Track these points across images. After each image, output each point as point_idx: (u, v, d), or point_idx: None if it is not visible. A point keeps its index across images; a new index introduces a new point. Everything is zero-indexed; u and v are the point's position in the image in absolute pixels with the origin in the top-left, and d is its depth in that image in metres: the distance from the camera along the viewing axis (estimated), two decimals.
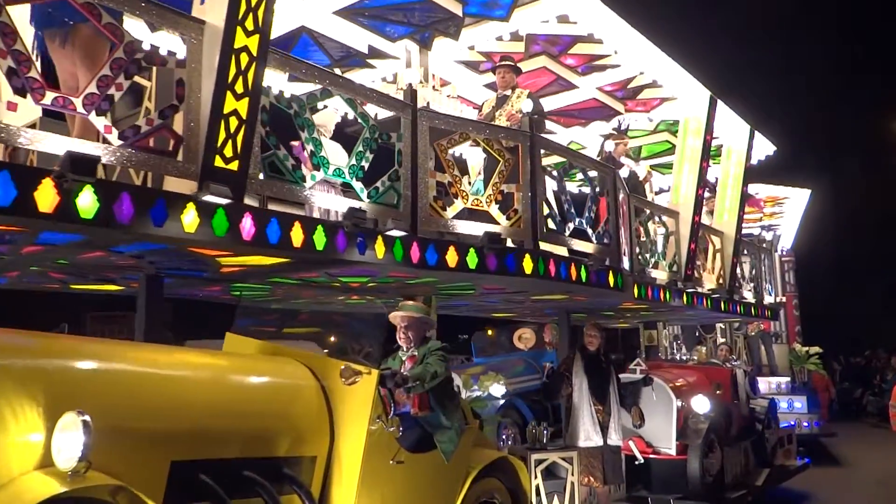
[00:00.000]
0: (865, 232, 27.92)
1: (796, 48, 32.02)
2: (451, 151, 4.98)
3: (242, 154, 3.60)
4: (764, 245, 11.78)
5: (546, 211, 5.47)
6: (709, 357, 9.37)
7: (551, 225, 5.53)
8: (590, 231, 5.98)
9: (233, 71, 3.53)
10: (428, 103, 6.32)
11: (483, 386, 6.28)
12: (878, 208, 27.56)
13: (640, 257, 7.46)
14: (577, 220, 5.87)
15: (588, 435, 6.21)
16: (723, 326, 14.04)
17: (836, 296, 24.55)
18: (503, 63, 6.35)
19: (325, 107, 4.72)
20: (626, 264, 6.93)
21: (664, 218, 8.27)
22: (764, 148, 10.65)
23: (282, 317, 7.96)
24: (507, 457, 4.97)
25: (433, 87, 6.53)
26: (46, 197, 2.98)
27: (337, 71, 7.41)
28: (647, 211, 7.82)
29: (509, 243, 5.21)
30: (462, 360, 11.05)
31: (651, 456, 7.22)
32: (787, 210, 15.44)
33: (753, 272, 10.65)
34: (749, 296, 10.37)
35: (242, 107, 3.59)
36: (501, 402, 8.11)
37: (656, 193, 11.47)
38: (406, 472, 3.96)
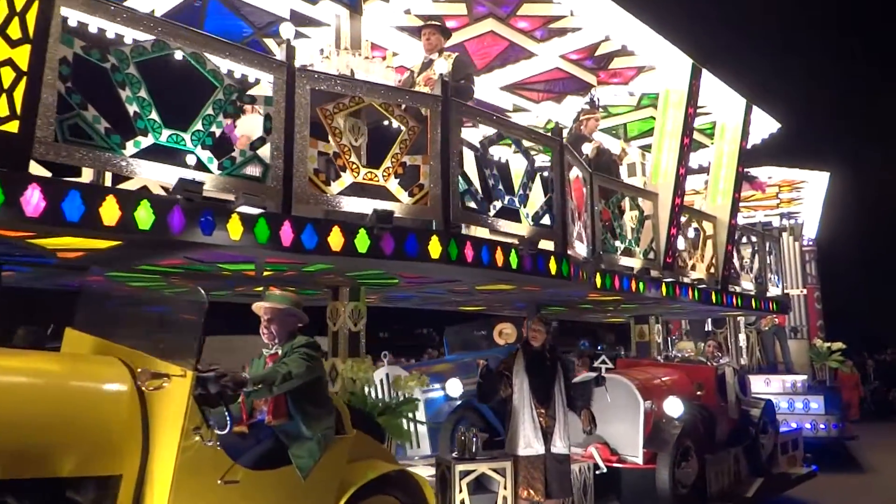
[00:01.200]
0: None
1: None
2: (340, 122, 4.31)
3: (24, 114, 2.99)
4: (772, 232, 10.80)
5: (464, 187, 4.76)
6: (699, 354, 8.51)
7: (471, 203, 4.82)
8: (523, 211, 5.25)
9: (3, 12, 2.92)
10: (352, 71, 5.69)
11: (404, 386, 5.60)
12: None
13: (605, 243, 6.70)
14: (508, 198, 5.15)
15: (528, 442, 5.48)
16: (735, 320, 13.13)
17: (862, 289, 23.03)
18: (428, 24, 5.66)
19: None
20: (582, 250, 6.18)
21: (641, 200, 7.48)
22: (766, 125, 9.73)
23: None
24: (406, 471, 4.30)
25: (366, 56, 5.86)
26: None
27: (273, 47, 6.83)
28: (619, 192, 7.03)
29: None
30: (429, 356, 10.37)
31: (616, 465, 6.46)
32: (807, 196, 14.35)
33: (756, 261, 9.72)
34: (749, 287, 9.46)
35: (21, 56, 2.98)
36: (458, 402, 7.42)
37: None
38: (245, 494, 3.32)
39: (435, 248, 4.47)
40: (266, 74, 4.05)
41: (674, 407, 6.55)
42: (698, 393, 7.24)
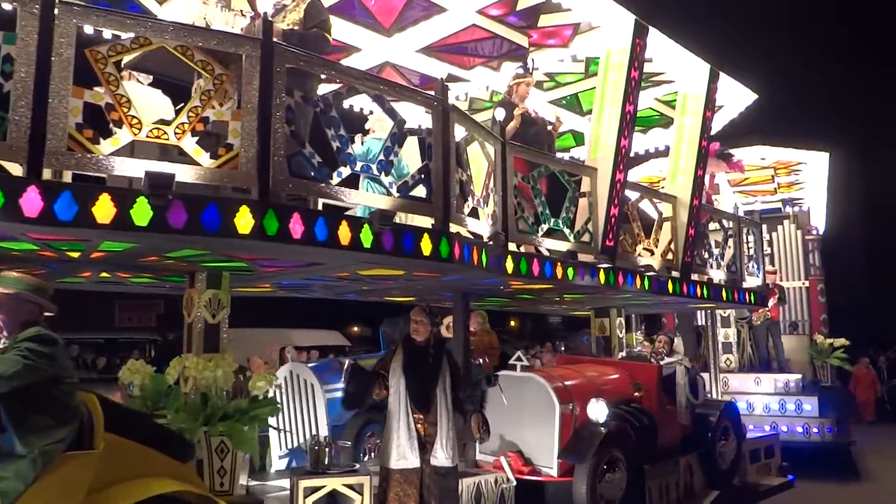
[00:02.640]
0: None
1: None
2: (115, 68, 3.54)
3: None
4: (754, 217, 9.78)
5: (293, 149, 3.96)
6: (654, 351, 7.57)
7: (304, 169, 4.01)
8: (384, 179, 4.43)
9: None
10: (207, 24, 4.93)
11: (254, 386, 4.81)
12: None
13: (520, 223, 5.84)
14: (362, 164, 4.33)
15: (402, 453, 4.68)
16: (723, 314, 12.13)
17: (871, 283, 21.34)
18: None
19: None
20: (482, 229, 5.34)
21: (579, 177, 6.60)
22: (741, 97, 8.73)
23: None
24: (207, 496, 3.53)
25: (222, 6, 5.09)
26: None
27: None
28: (543, 165, 6.16)
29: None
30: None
31: (528, 477, 5.62)
32: (807, 180, 13.21)
33: (730, 248, 8.74)
34: (719, 275, 8.49)
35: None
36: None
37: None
38: None
39: (244, 222, 3.68)
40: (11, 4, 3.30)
41: (597, 410, 5.68)
42: (636, 394, 6.35)
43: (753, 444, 8.02)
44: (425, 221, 4.90)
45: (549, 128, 6.93)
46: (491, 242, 5.20)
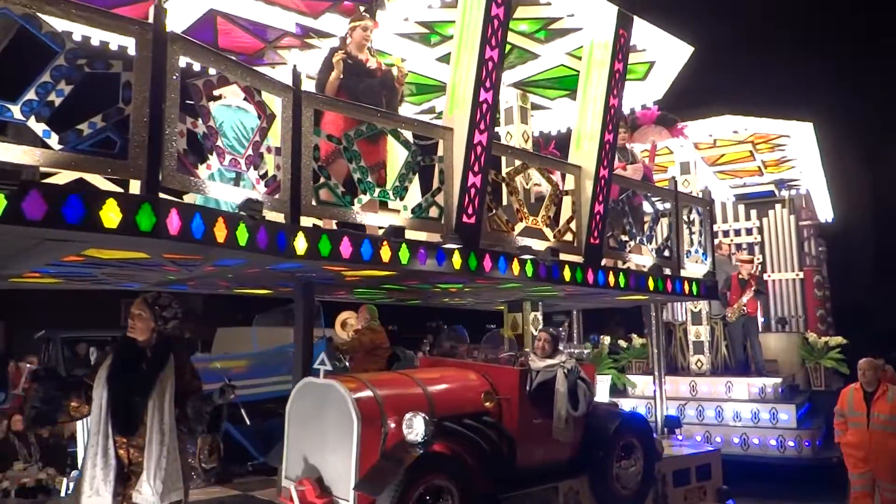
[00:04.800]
0: None
1: None
2: None
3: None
4: (704, 194, 8.35)
5: None
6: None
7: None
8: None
9: None
10: None
11: None
12: None
13: (324, 192, 4.68)
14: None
15: (94, 486, 3.57)
16: (694, 309, 10.71)
17: (882, 276, 18.84)
18: None
19: None
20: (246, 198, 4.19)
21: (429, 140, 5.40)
22: (673, 50, 7.37)
23: None
24: None
25: None
26: None
27: None
28: (367, 123, 4.97)
29: None
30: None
31: None
32: (797, 156, 11.63)
33: (661, 230, 7.39)
34: (644, 262, 7.14)
35: None
36: None
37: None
38: None
39: None
40: None
41: (412, 427, 4.46)
42: (487, 405, 5.10)
43: (680, 464, 6.65)
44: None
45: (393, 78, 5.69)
46: (243, 213, 4.03)
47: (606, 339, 9.40)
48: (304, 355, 5.66)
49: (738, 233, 13.42)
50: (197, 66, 4.17)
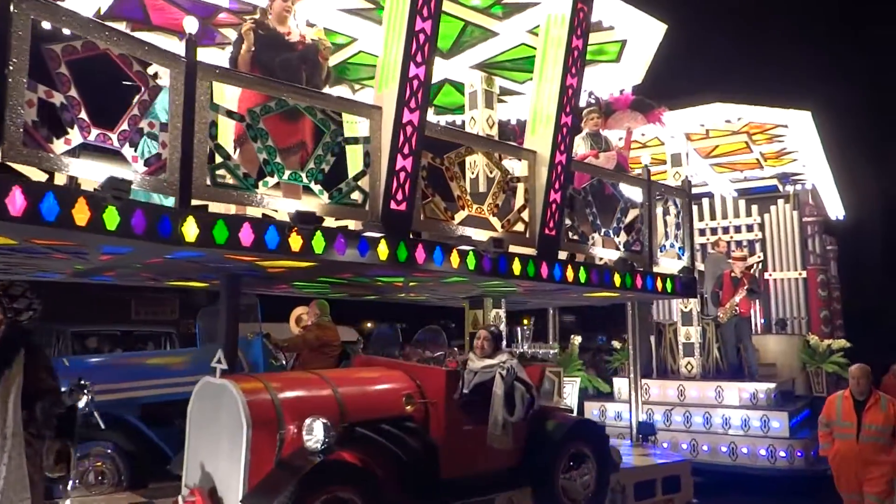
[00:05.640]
0: None
1: None
2: None
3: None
4: (684, 186, 7.78)
5: None
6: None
7: None
8: None
9: None
10: None
11: None
12: None
13: (220, 173, 4.26)
14: None
15: None
16: (684, 309, 10.14)
17: (889, 274, 17.69)
18: None
19: None
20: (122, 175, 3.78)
21: (354, 118, 4.96)
22: (643, 28, 6.85)
23: None
24: None
25: None
26: None
27: None
28: (277, 101, 4.54)
29: None
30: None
31: None
32: (799, 148, 10.96)
33: (630, 221, 6.85)
34: (607, 255, 6.62)
35: None
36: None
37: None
38: None
39: None
40: None
41: (312, 432, 4.01)
42: (408, 409, 4.63)
43: (643, 475, 6.12)
44: None
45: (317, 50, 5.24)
46: (108, 195, 3.61)
47: (577, 339, 8.86)
48: (229, 351, 5.27)
49: (738, 229, 12.77)
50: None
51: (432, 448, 4.59)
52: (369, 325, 28.76)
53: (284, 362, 6.32)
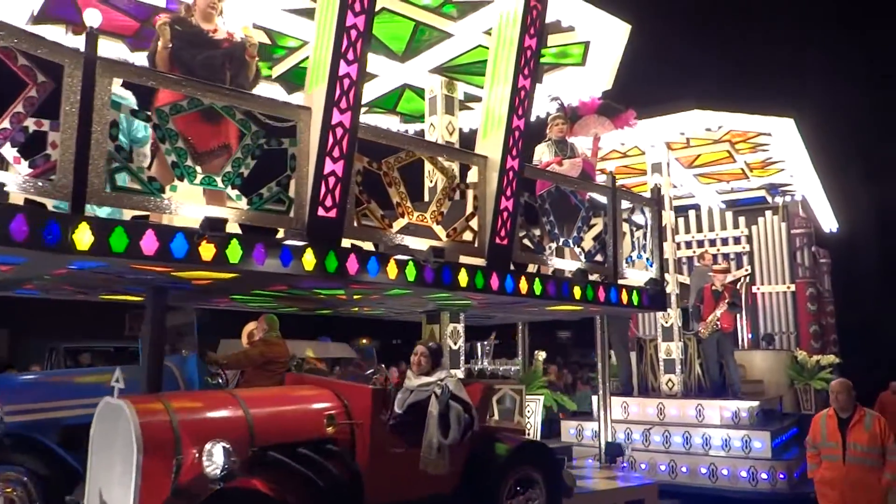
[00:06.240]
0: None
1: None
2: None
3: None
4: (654, 194, 7.44)
5: None
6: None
7: None
8: None
9: None
10: None
11: None
12: None
13: (120, 176, 3.96)
14: None
15: None
16: (665, 324, 9.78)
17: (883, 289, 16.95)
18: None
19: None
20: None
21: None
22: (609, 27, 6.55)
23: None
24: None
25: None
26: None
27: None
28: (190, 100, 4.25)
29: None
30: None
31: None
32: (785, 158, 10.62)
33: (590, 231, 6.52)
34: (564, 266, 6.27)
35: None
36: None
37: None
38: None
39: None
40: None
41: (211, 457, 3.68)
42: (329, 430, 4.29)
43: (601, 500, 5.74)
44: None
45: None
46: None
47: (542, 355, 8.50)
48: (152, 371, 4.96)
49: (725, 242, 12.40)
50: None
51: (356, 474, 4.24)
52: (364, 341, 28.50)
53: (221, 381, 5.99)
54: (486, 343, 7.06)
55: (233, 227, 4.62)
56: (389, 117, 8.40)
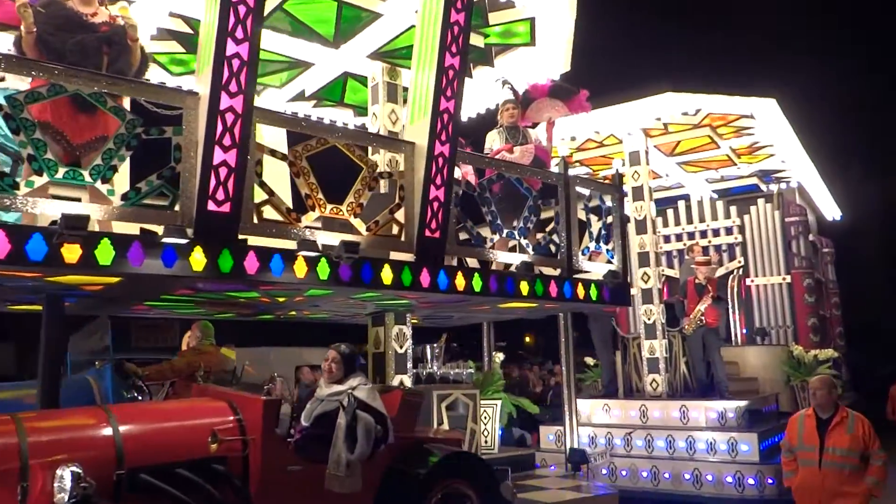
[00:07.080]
0: None
1: None
2: None
3: None
4: (613, 181, 6.89)
5: None
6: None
7: None
8: None
9: None
10: None
11: None
12: None
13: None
14: None
15: None
16: (647, 321, 9.24)
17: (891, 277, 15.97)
18: None
19: None
20: None
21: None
22: (551, 2, 6.07)
23: None
24: None
25: None
26: None
27: None
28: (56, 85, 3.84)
29: None
30: None
31: None
32: (774, 142, 10.03)
33: (555, 222, 6.02)
34: (511, 259, 5.78)
35: None
36: None
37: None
38: None
39: None
40: None
41: (60, 483, 3.25)
42: (213, 448, 3.84)
43: None
44: None
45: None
46: None
47: (499, 356, 7.99)
48: (47, 386, 4.57)
49: (716, 233, 11.80)
50: None
51: (244, 496, 3.79)
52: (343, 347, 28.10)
53: (140, 395, 5.55)
54: (435, 346, 6.60)
55: (127, 227, 4.26)
56: (340, 110, 7.97)
